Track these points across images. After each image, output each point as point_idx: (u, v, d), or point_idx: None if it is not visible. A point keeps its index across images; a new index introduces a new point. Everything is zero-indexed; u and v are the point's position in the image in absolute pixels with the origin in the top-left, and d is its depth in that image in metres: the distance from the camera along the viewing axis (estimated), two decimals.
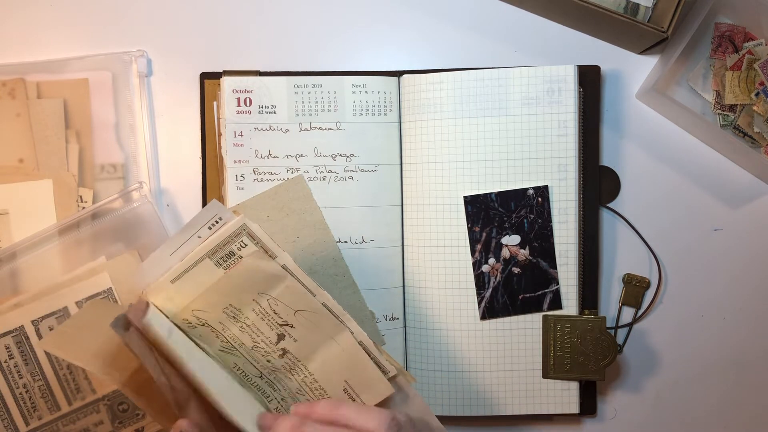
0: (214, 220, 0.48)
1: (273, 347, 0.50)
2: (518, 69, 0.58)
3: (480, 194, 0.58)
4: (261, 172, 0.58)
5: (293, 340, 0.50)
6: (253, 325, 0.50)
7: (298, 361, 0.51)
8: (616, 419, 0.63)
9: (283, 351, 0.50)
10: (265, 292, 0.49)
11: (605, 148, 0.63)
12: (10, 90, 0.60)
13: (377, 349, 0.50)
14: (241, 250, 0.48)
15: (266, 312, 0.49)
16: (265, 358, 0.50)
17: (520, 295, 0.58)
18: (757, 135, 0.61)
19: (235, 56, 0.62)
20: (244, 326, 0.50)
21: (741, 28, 0.61)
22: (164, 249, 0.48)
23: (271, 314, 0.49)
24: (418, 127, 0.59)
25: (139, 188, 0.59)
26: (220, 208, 0.48)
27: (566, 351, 0.58)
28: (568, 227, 0.58)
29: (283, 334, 0.50)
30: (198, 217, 0.48)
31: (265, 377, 0.51)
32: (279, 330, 0.50)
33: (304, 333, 0.50)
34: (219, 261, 0.48)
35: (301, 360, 0.50)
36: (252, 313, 0.50)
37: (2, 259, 0.57)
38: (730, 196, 0.63)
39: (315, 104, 0.59)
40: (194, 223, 0.48)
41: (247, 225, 0.48)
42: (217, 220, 0.48)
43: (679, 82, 0.63)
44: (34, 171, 0.60)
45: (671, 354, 0.63)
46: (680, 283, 0.63)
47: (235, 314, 0.49)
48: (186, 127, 0.62)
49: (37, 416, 0.57)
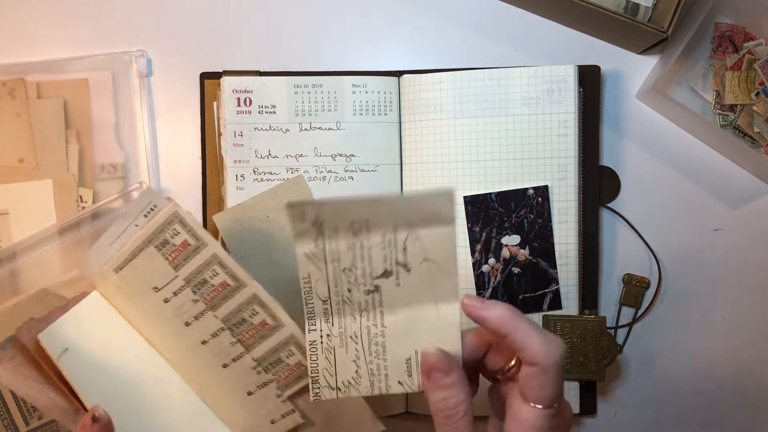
0: (149, 207, 0.48)
1: (369, 279, 0.46)
2: (518, 69, 0.58)
3: (480, 194, 0.58)
4: (261, 172, 0.58)
5: (396, 284, 0.46)
6: (369, 248, 0.45)
7: (380, 306, 0.46)
8: (616, 419, 0.63)
9: (376, 288, 0.46)
10: (414, 227, 0.44)
11: (605, 148, 0.63)
12: (10, 90, 0.60)
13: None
14: (174, 238, 0.48)
15: (394, 244, 0.45)
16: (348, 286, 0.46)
17: (520, 295, 0.58)
18: (757, 135, 0.61)
19: (235, 56, 0.62)
20: (356, 244, 0.45)
21: (741, 28, 0.61)
22: (105, 238, 0.49)
23: (398, 249, 0.45)
24: (418, 127, 0.59)
25: (139, 188, 0.59)
26: (154, 194, 0.48)
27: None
28: (568, 227, 0.58)
29: (392, 272, 0.46)
30: (134, 206, 0.48)
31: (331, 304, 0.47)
32: (391, 267, 0.45)
33: (414, 282, 0.46)
34: (158, 247, 0.49)
35: (385, 307, 0.46)
36: (377, 238, 0.45)
37: (2, 259, 0.57)
38: (730, 196, 0.63)
39: (315, 104, 0.59)
40: (130, 211, 0.48)
41: (178, 213, 0.48)
42: (152, 207, 0.48)
43: (679, 82, 0.63)
44: (34, 171, 0.60)
45: (671, 354, 0.63)
46: (680, 283, 0.63)
47: (359, 230, 0.45)
48: (186, 127, 0.62)
49: (37, 416, 0.57)
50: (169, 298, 0.50)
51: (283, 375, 0.49)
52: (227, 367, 0.50)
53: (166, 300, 0.50)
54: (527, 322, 0.41)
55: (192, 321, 0.50)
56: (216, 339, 0.50)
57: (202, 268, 0.49)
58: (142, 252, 0.49)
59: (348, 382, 0.48)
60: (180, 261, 0.49)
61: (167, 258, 0.49)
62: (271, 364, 0.49)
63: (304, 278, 0.46)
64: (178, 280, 0.49)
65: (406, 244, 0.45)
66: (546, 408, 0.40)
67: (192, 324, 0.50)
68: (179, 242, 0.48)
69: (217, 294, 0.49)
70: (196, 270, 0.49)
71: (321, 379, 0.48)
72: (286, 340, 0.48)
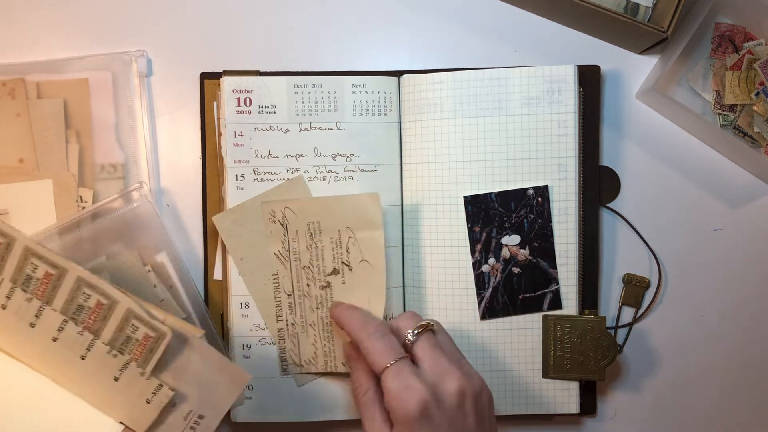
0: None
1: (322, 276, 0.55)
2: (518, 69, 0.58)
3: (480, 194, 0.58)
4: (261, 172, 0.58)
5: (341, 281, 0.54)
6: (321, 249, 0.54)
7: (331, 299, 0.55)
8: (616, 419, 0.63)
9: (327, 284, 0.55)
10: (353, 229, 0.54)
11: (605, 148, 0.63)
12: (10, 90, 0.60)
13: None
14: (36, 272, 0.48)
15: (340, 245, 0.54)
16: (308, 281, 0.55)
17: (520, 295, 0.59)
18: (757, 135, 0.61)
19: (235, 56, 0.62)
20: (312, 245, 0.54)
21: (741, 28, 0.61)
22: None
23: (343, 249, 0.54)
24: (418, 127, 0.59)
25: (139, 188, 0.59)
26: None
27: (566, 351, 0.58)
28: (568, 227, 0.58)
29: (338, 271, 0.54)
30: None
31: (294, 298, 0.55)
32: (338, 266, 0.54)
33: (355, 280, 0.55)
34: (24, 288, 0.49)
35: (335, 300, 0.55)
36: (327, 239, 0.54)
37: None
38: (730, 196, 0.63)
39: (315, 104, 0.59)
40: None
41: (29, 247, 0.48)
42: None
43: (679, 82, 0.63)
44: (34, 171, 0.60)
45: (671, 354, 0.63)
46: (680, 283, 0.63)
47: (314, 232, 0.54)
48: (186, 127, 0.62)
49: None
50: (5, 304, 0.49)
51: (138, 352, 0.49)
52: (85, 357, 0.50)
53: (3, 306, 0.49)
54: (371, 336, 0.48)
55: (35, 321, 0.49)
56: (63, 332, 0.49)
57: (21, 264, 0.48)
58: (11, 299, 0.48)
59: (308, 360, 0.58)
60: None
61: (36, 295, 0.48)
62: (123, 344, 0.49)
63: (274, 275, 0.56)
64: (5, 282, 0.48)
65: (349, 245, 0.54)
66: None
67: (36, 324, 0.49)
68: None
69: (46, 287, 0.48)
70: (17, 267, 0.48)
71: (288, 358, 0.58)
72: (126, 316, 0.48)
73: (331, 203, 0.55)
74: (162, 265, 0.59)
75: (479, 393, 0.48)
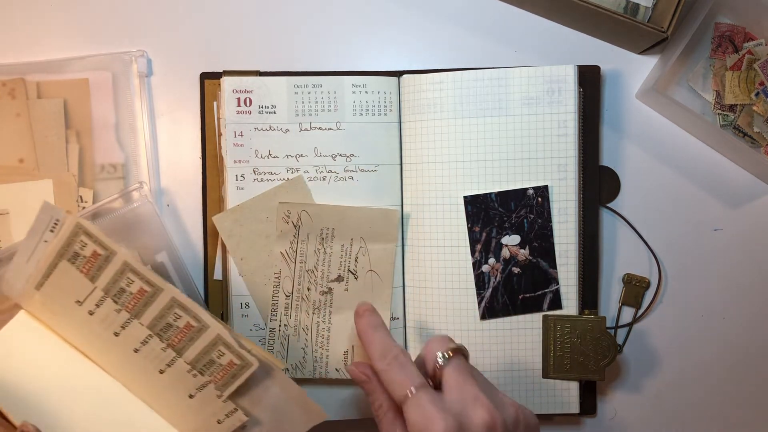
0: (52, 222, 0.48)
1: (325, 281, 0.55)
2: (518, 69, 0.58)
3: (480, 194, 0.58)
4: (261, 172, 0.58)
5: (345, 288, 0.55)
6: (330, 254, 0.55)
7: (330, 306, 0.55)
8: (616, 419, 0.63)
9: (329, 290, 0.55)
10: (366, 240, 0.54)
11: (605, 148, 0.63)
12: (10, 90, 0.60)
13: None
14: (83, 250, 0.48)
15: (350, 253, 0.54)
16: (309, 285, 0.55)
17: (520, 295, 0.59)
18: (757, 135, 0.61)
19: (235, 56, 0.62)
20: (321, 249, 0.54)
21: (741, 28, 0.61)
22: (20, 256, 0.50)
23: (352, 258, 0.54)
24: (418, 127, 0.59)
25: (139, 188, 0.59)
26: (53, 210, 0.48)
27: (566, 351, 0.58)
28: (568, 227, 0.58)
29: (343, 278, 0.55)
30: (37, 222, 0.49)
31: (292, 300, 0.55)
32: (344, 273, 0.55)
33: (359, 289, 0.56)
34: (70, 261, 0.49)
35: (334, 307, 0.55)
36: (338, 246, 0.55)
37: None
38: (730, 196, 0.63)
39: (315, 104, 0.59)
40: (36, 227, 0.49)
41: (81, 224, 0.48)
42: (56, 222, 0.49)
43: (679, 82, 0.63)
44: (34, 171, 0.60)
45: (671, 354, 0.63)
46: (680, 283, 0.63)
47: (325, 237, 0.54)
48: (186, 127, 0.62)
49: None
50: (93, 311, 0.50)
51: (219, 375, 0.49)
52: (164, 372, 0.50)
53: (91, 312, 0.50)
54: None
55: (120, 330, 0.50)
56: (147, 346, 0.50)
57: (117, 277, 0.49)
58: (56, 267, 0.49)
59: (295, 365, 0.57)
60: (95, 272, 0.49)
61: (81, 270, 0.49)
62: (205, 366, 0.49)
63: (276, 273, 0.56)
64: (97, 291, 0.49)
65: (358, 255, 0.55)
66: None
67: (121, 333, 0.50)
68: (89, 253, 0.48)
69: (137, 301, 0.49)
70: (112, 279, 0.49)
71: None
72: (214, 341, 0.48)
73: (349, 212, 0.56)
74: (162, 265, 0.59)
75: (513, 426, 0.44)
